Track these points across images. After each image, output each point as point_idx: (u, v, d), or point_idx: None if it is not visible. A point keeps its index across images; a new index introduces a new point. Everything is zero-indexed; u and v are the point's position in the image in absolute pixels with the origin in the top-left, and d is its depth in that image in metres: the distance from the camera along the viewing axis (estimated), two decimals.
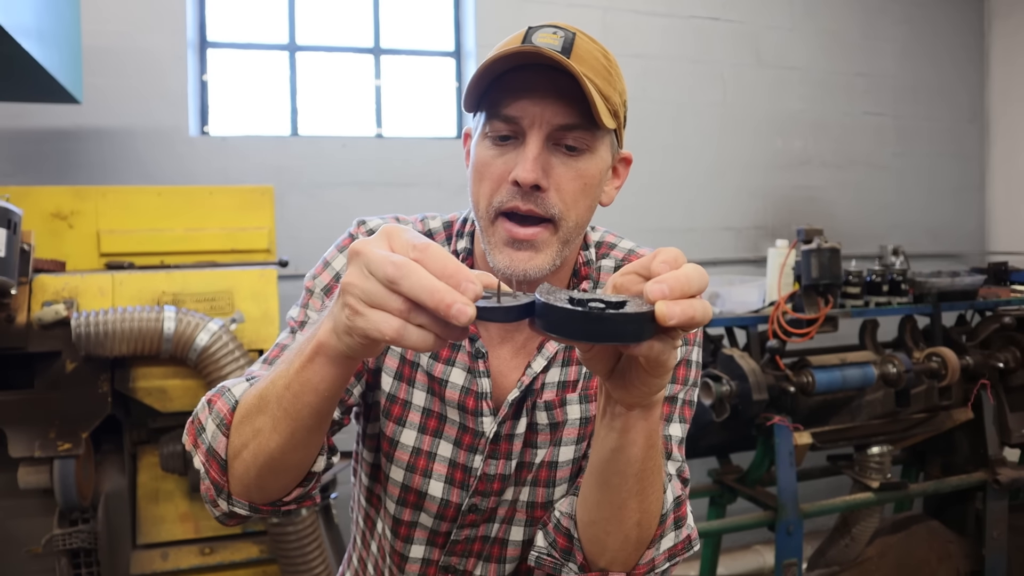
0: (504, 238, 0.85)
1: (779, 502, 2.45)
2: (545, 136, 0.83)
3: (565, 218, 0.85)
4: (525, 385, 0.94)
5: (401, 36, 3.71)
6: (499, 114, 0.84)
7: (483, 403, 0.94)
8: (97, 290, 2.06)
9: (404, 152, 3.50)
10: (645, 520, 0.82)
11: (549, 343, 0.95)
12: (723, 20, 3.95)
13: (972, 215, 4.59)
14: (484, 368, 0.93)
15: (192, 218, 2.43)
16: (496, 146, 0.86)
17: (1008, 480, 2.71)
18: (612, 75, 0.86)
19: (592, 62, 0.83)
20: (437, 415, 0.95)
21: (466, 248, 0.98)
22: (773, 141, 4.09)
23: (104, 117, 3.05)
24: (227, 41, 3.45)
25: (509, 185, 0.84)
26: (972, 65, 4.60)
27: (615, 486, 0.78)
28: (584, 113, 0.82)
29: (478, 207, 0.88)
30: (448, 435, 0.95)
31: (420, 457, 0.95)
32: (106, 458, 2.15)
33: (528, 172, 0.81)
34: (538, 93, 0.82)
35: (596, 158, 0.86)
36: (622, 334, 0.56)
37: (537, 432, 0.95)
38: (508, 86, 0.83)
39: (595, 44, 0.86)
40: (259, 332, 2.13)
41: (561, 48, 0.82)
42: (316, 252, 3.53)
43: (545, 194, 0.83)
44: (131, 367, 2.03)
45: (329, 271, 0.97)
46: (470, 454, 0.95)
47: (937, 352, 2.72)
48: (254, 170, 3.23)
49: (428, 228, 1.02)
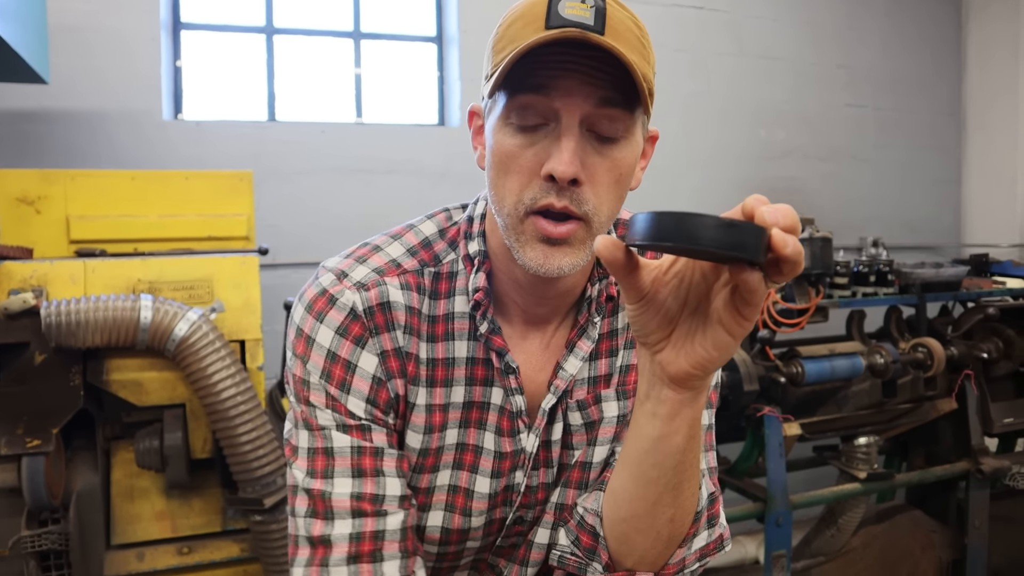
0: (537, 235, 0.76)
1: (769, 494, 2.43)
2: (580, 121, 0.74)
3: (598, 213, 0.76)
4: (560, 390, 0.87)
5: (382, 20, 3.62)
6: (529, 92, 0.73)
7: (519, 421, 0.87)
8: (68, 278, 1.96)
9: (384, 139, 3.42)
10: (679, 516, 0.77)
11: (581, 341, 0.88)
12: (707, 9, 3.92)
13: (949, 207, 4.63)
14: (517, 384, 0.86)
15: (167, 204, 2.33)
16: (522, 134, 0.75)
17: (991, 470, 2.72)
18: (646, 47, 0.77)
19: (626, 34, 0.74)
20: (472, 447, 0.87)
21: (480, 251, 0.86)
22: (756, 132, 4.08)
23: (72, 99, 2.93)
24: (202, 23, 3.33)
25: (541, 180, 0.74)
26: (950, 59, 4.63)
27: (652, 480, 0.73)
28: (623, 92, 0.74)
29: (503, 203, 0.78)
30: (484, 468, 0.88)
31: (458, 495, 0.88)
32: (77, 455, 2.05)
33: (567, 165, 0.72)
34: (573, 71, 0.72)
35: (631, 144, 0.78)
36: (748, 246, 0.51)
37: (572, 433, 0.89)
38: (537, 64, 0.72)
39: (626, 11, 0.76)
40: (240, 322, 2.04)
41: (593, 20, 0.72)
42: (295, 240, 3.45)
43: (580, 188, 0.74)
44: (104, 359, 1.94)
45: (318, 350, 0.81)
46: (511, 474, 0.88)
47: (923, 343, 2.72)
48: (230, 156, 3.13)
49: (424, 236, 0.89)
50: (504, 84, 0.75)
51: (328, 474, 0.78)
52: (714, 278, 0.61)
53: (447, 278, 0.86)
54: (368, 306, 0.81)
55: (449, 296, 0.85)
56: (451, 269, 0.86)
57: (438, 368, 0.85)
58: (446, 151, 3.49)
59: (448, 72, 3.65)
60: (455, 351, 0.85)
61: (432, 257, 0.87)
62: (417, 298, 0.84)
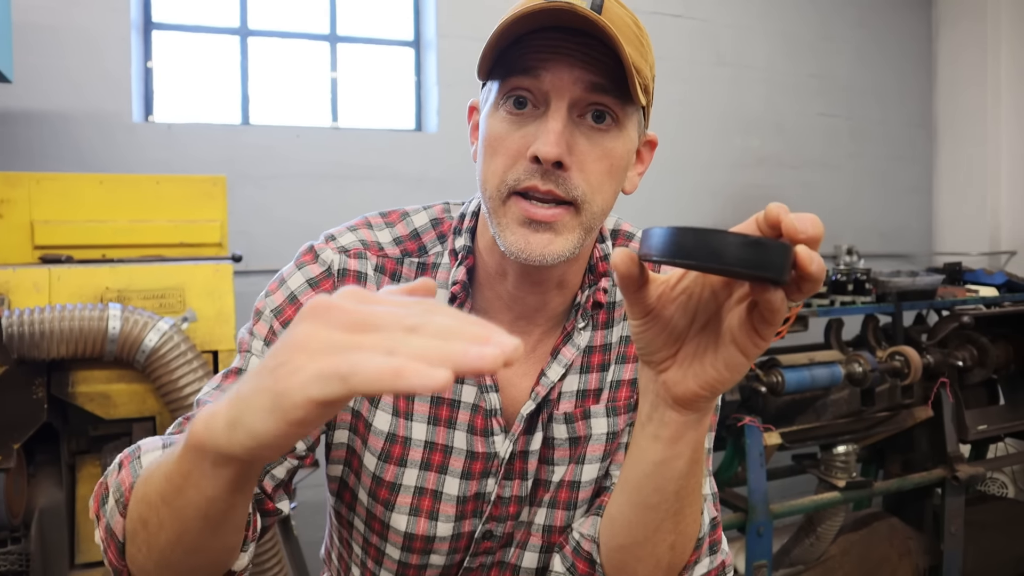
0: (519, 217, 0.74)
1: (749, 504, 2.42)
2: (569, 105, 0.72)
3: (589, 201, 0.73)
4: (540, 396, 0.83)
5: (359, 23, 3.57)
6: (519, 74, 0.73)
7: (493, 421, 0.83)
8: (31, 285, 1.88)
9: (360, 144, 3.36)
10: (680, 543, 0.74)
11: (565, 348, 0.85)
12: (685, 17, 3.93)
13: (920, 216, 4.70)
14: (492, 382, 0.83)
15: (137, 209, 2.25)
16: (512, 116, 0.74)
17: (966, 477, 2.75)
18: (644, 45, 0.75)
19: (623, 28, 0.72)
20: (441, 447, 0.84)
21: (465, 246, 0.85)
22: (732, 140, 4.10)
23: (37, 99, 2.84)
24: (174, 23, 3.25)
25: (527, 162, 0.73)
26: (921, 70, 4.71)
27: (653, 505, 0.70)
28: (615, 79, 0.72)
29: (487, 185, 0.76)
30: (455, 468, 0.84)
31: (424, 498, 0.84)
32: (40, 470, 1.97)
33: (551, 146, 0.70)
34: (564, 55, 0.71)
35: (624, 136, 0.75)
36: (774, 265, 0.49)
37: (554, 448, 0.85)
38: (528, 47, 0.72)
39: (625, 9, 0.75)
40: (213, 332, 1.98)
41: (589, 4, 0.70)
42: (268, 246, 3.38)
43: (567, 173, 0.72)
44: (70, 370, 1.86)
45: (284, 290, 0.83)
46: (482, 479, 0.84)
47: (900, 351, 2.74)
48: (202, 160, 3.05)
49: (414, 227, 0.89)
50: (497, 69, 0.75)
51: (222, 387, 0.79)
52: (725, 295, 0.59)
53: (431, 269, 0.86)
54: (343, 267, 0.84)
55: None
56: (435, 261, 0.87)
57: None
58: (423, 157, 3.44)
59: (425, 77, 3.61)
60: None
61: (418, 248, 0.87)
62: (387, 282, 0.85)
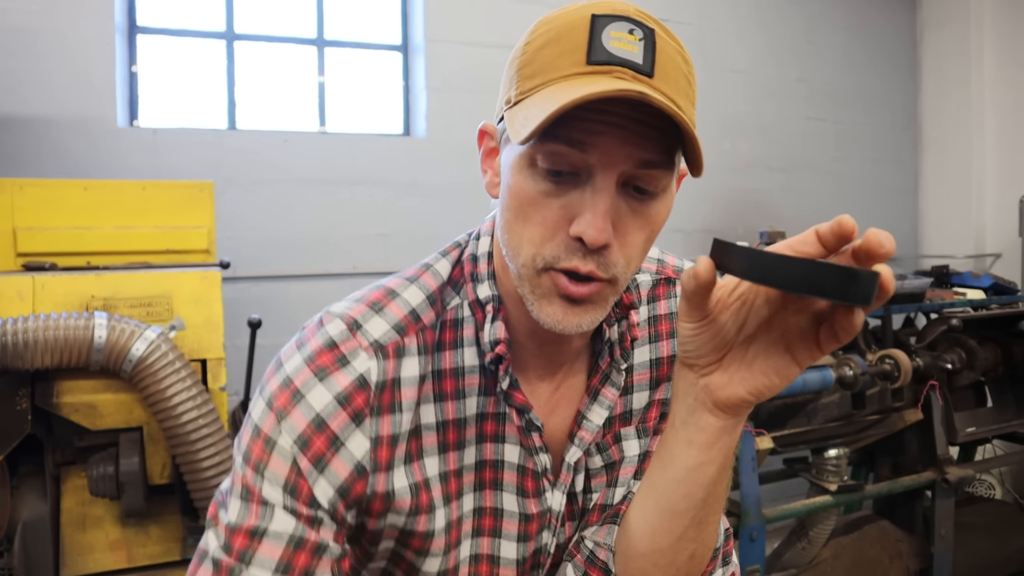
0: (555, 292, 0.67)
1: (742, 508, 2.42)
2: (617, 177, 0.64)
3: (626, 274, 0.68)
4: (586, 443, 0.79)
5: (346, 28, 3.54)
6: (563, 144, 0.62)
7: (543, 481, 0.78)
8: (15, 294, 1.84)
9: (348, 149, 3.34)
10: (700, 553, 0.73)
11: (606, 388, 0.80)
12: (673, 21, 3.94)
13: (906, 219, 4.73)
14: (542, 443, 0.77)
15: (123, 215, 2.22)
16: (548, 181, 0.65)
17: (956, 479, 2.76)
18: (691, 84, 0.67)
19: (675, 74, 0.64)
20: (491, 510, 0.78)
21: (492, 296, 0.75)
22: (720, 144, 4.11)
23: (19, 103, 2.79)
24: (159, 27, 3.22)
25: (568, 238, 0.64)
26: (906, 74, 4.75)
27: (680, 512, 0.69)
28: (667, 153, 0.64)
29: (518, 252, 0.67)
30: (508, 532, 0.78)
31: (481, 564, 0.78)
32: (24, 482, 1.93)
33: (599, 232, 0.62)
34: (616, 122, 0.62)
35: (667, 197, 0.69)
36: (866, 294, 0.49)
37: (592, 478, 0.82)
38: (572, 114, 0.60)
39: (674, 42, 0.66)
40: (201, 340, 1.95)
41: (643, 58, 0.62)
42: (254, 252, 3.35)
43: (609, 251, 0.65)
44: (55, 380, 1.83)
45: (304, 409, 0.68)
46: (539, 535, 0.80)
47: (890, 354, 2.75)
48: (188, 165, 3.01)
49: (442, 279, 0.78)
50: None
51: (245, 558, 0.64)
52: (779, 304, 0.58)
53: (452, 326, 0.75)
54: (381, 380, 0.70)
55: (456, 347, 0.75)
56: (456, 316, 0.76)
57: (449, 431, 0.74)
58: (411, 162, 3.42)
59: (414, 81, 3.59)
60: (466, 410, 0.75)
61: (440, 305, 0.76)
62: (431, 360, 0.74)
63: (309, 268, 3.18)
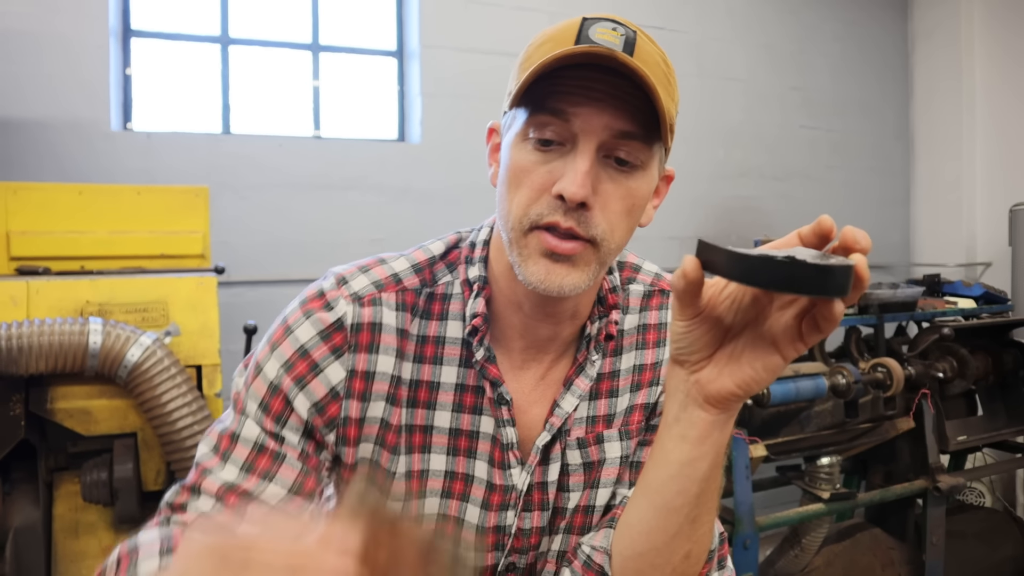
0: (540, 249, 0.75)
1: (736, 516, 2.43)
2: (598, 146, 0.73)
3: (607, 239, 0.75)
4: (556, 428, 0.84)
5: (341, 33, 3.54)
6: (548, 115, 0.73)
7: (509, 454, 0.84)
8: (9, 299, 1.83)
9: (343, 154, 3.34)
10: (695, 553, 0.75)
11: (578, 379, 0.86)
12: (668, 29, 3.96)
13: (898, 227, 4.76)
14: (509, 416, 0.84)
15: (117, 220, 2.21)
16: (538, 151, 0.75)
17: (947, 487, 2.77)
18: (671, 84, 0.77)
19: (653, 67, 0.73)
20: (462, 476, 0.84)
21: (481, 276, 0.85)
22: (715, 151, 4.13)
23: (12, 106, 2.78)
24: (153, 30, 3.21)
25: (551, 198, 0.73)
26: (898, 83, 4.78)
27: (675, 508, 0.71)
28: (644, 123, 0.73)
29: (510, 216, 0.77)
30: (475, 497, 0.84)
31: (447, 525, 0.84)
32: (16, 488, 1.91)
33: (578, 187, 0.71)
34: (595, 96, 0.72)
35: (647, 176, 0.77)
36: (841, 286, 0.53)
37: (569, 474, 0.86)
38: (560, 84, 0.72)
39: (655, 46, 0.76)
40: (197, 346, 1.94)
41: (622, 47, 0.71)
42: (249, 257, 3.33)
43: (589, 212, 0.73)
44: (49, 386, 1.82)
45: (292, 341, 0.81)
46: (501, 512, 0.85)
47: (882, 363, 2.76)
48: (182, 169, 3.01)
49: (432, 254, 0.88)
50: (525, 102, 0.74)
51: (225, 456, 0.78)
52: (766, 301, 0.63)
53: (440, 299, 0.85)
54: (356, 322, 0.81)
55: (441, 319, 0.84)
56: (446, 291, 0.85)
57: (421, 389, 0.83)
58: (406, 167, 3.42)
59: (409, 87, 3.60)
60: (442, 375, 0.84)
61: (430, 278, 0.86)
62: (409, 319, 0.83)
63: (303, 273, 3.17)
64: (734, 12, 4.20)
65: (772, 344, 0.62)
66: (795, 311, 0.60)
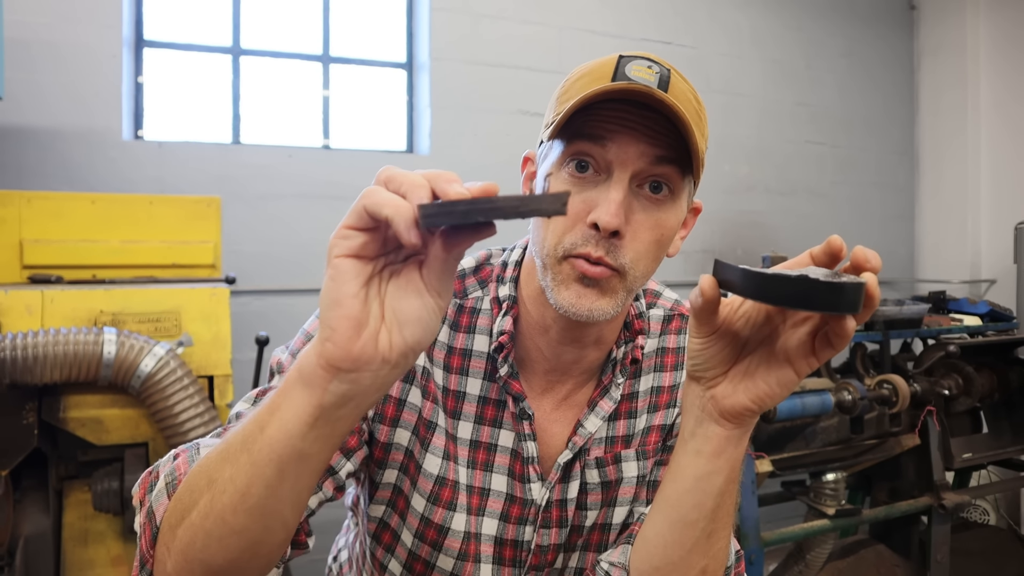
0: (573, 274, 0.77)
1: (741, 532, 2.43)
2: (631, 175, 0.76)
3: (633, 268, 0.78)
4: (578, 447, 0.86)
5: (351, 45, 3.57)
6: (586, 141, 0.76)
7: (530, 468, 0.86)
8: (24, 308, 1.85)
9: (352, 164, 3.36)
10: (711, 568, 0.76)
11: (603, 401, 0.87)
12: (675, 44, 3.99)
13: (903, 243, 4.77)
14: (530, 431, 0.86)
15: (129, 229, 2.23)
16: (574, 178, 0.78)
17: (952, 504, 2.77)
18: (702, 120, 0.80)
19: (686, 104, 0.76)
20: (479, 491, 0.87)
21: (511, 296, 0.88)
22: (721, 166, 4.14)
23: (26, 115, 2.80)
24: (166, 41, 3.23)
25: (585, 227, 0.76)
26: (904, 100, 4.80)
27: (691, 523, 0.72)
28: (677, 156, 0.76)
29: (545, 244, 0.79)
30: (493, 510, 0.86)
31: (470, 542, 0.86)
32: (27, 496, 1.92)
33: (612, 216, 0.74)
34: (631, 126, 0.75)
35: (676, 208, 0.80)
36: (853, 303, 0.55)
37: (588, 492, 0.88)
38: (595, 115, 0.76)
39: (687, 84, 0.79)
40: (209, 357, 1.96)
41: (657, 84, 0.75)
42: (259, 267, 3.34)
43: (620, 241, 0.76)
44: (62, 395, 1.83)
45: None
46: (519, 526, 0.86)
47: (888, 379, 2.77)
48: (192, 178, 3.02)
49: (461, 268, 0.91)
50: (563, 132, 0.77)
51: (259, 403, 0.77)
52: (780, 319, 0.64)
53: (469, 313, 0.88)
54: None
55: (469, 332, 0.88)
56: (475, 306, 0.88)
57: (449, 397, 0.86)
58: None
59: (418, 99, 3.62)
60: (467, 387, 0.87)
61: (460, 289, 0.89)
62: (446, 334, 0.87)
63: (312, 283, 3.18)
64: (740, 29, 4.22)
65: (786, 360, 0.63)
66: (808, 328, 0.62)
